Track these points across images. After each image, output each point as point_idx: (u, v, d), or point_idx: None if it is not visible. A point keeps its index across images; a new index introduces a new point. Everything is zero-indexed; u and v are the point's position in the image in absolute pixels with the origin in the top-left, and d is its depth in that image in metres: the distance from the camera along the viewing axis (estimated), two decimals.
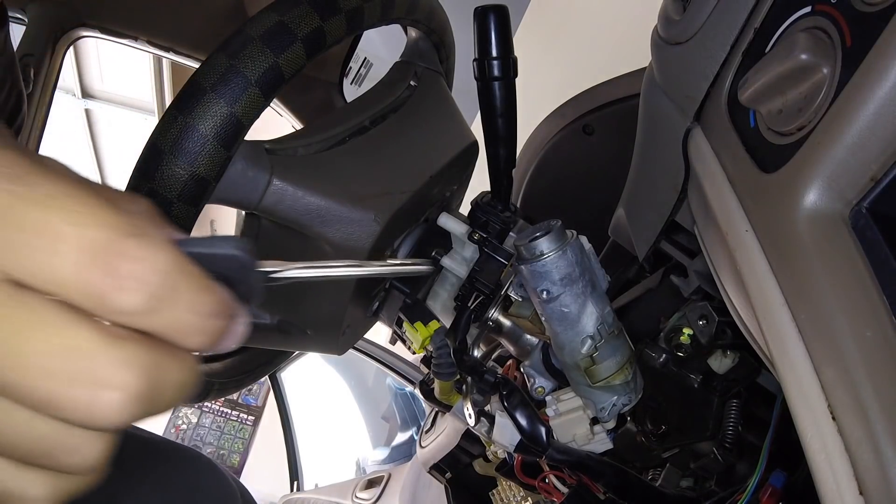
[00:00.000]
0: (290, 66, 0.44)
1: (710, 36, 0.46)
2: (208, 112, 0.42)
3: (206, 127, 0.42)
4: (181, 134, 0.42)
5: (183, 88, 0.43)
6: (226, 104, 0.42)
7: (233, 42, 0.43)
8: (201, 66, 0.43)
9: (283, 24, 0.43)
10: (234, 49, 0.43)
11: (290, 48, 0.44)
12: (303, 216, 0.51)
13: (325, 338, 0.61)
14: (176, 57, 1.41)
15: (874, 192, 0.32)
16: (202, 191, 0.44)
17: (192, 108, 0.42)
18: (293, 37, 0.44)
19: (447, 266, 0.62)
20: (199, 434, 5.29)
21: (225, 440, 5.26)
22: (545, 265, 0.48)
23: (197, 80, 0.42)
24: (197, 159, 0.42)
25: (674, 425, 0.64)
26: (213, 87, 0.42)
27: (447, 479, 1.14)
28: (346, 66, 1.50)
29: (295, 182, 0.50)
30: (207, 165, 0.43)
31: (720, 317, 0.55)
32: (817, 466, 0.33)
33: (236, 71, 0.42)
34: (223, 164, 0.44)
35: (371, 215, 0.52)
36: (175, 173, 0.42)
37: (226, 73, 0.42)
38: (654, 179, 0.58)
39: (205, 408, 5.32)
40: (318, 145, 0.54)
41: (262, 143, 0.51)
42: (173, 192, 0.43)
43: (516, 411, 0.59)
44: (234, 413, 5.34)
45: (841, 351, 0.32)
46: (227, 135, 0.43)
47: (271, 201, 0.50)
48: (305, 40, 0.45)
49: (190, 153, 0.42)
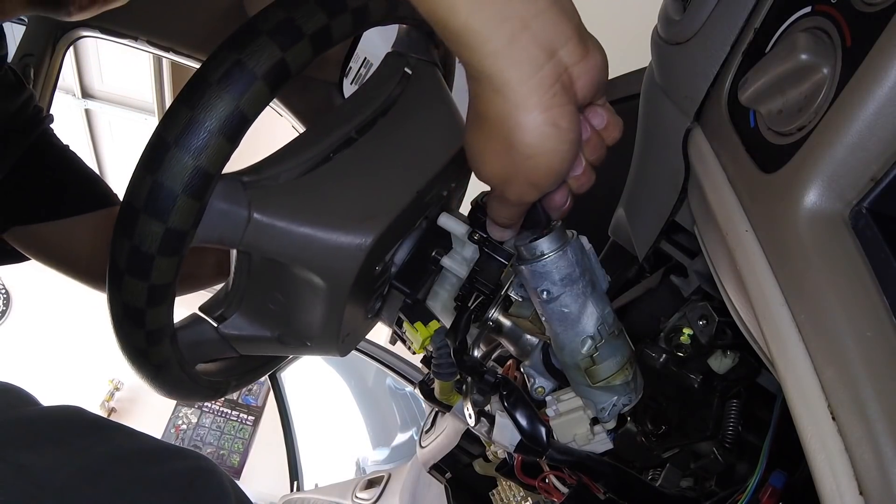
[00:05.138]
0: (252, 107, 0.43)
1: (710, 36, 0.47)
2: (176, 169, 0.42)
3: (173, 183, 0.42)
4: (151, 191, 0.42)
5: (150, 143, 0.43)
6: (191, 159, 0.42)
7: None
8: (163, 120, 0.43)
9: (239, 64, 0.42)
10: (193, 99, 0.42)
11: (251, 89, 0.43)
12: (285, 248, 0.51)
13: (326, 346, 0.61)
14: (176, 57, 1.41)
15: (874, 193, 0.33)
16: (180, 244, 0.44)
17: (159, 163, 0.42)
18: (253, 76, 0.42)
19: (447, 266, 0.62)
20: (199, 434, 5.29)
21: (225, 440, 5.26)
22: (545, 265, 0.48)
23: (163, 137, 0.42)
24: (169, 214, 0.42)
25: (674, 425, 0.64)
26: (176, 142, 0.42)
27: (447, 479, 1.14)
28: (346, 66, 1.50)
29: (275, 215, 0.50)
30: (181, 218, 0.43)
31: (720, 317, 0.55)
32: (817, 466, 0.33)
33: (199, 123, 0.42)
34: (198, 213, 0.44)
35: (357, 240, 0.52)
36: (152, 230, 0.43)
37: (189, 126, 0.42)
38: (654, 179, 0.58)
39: (205, 408, 5.33)
40: (301, 167, 0.53)
41: (239, 176, 0.50)
42: (152, 248, 0.43)
43: (516, 411, 0.59)
44: (234, 413, 5.34)
45: (841, 351, 0.32)
46: (197, 186, 0.43)
47: (253, 237, 0.50)
48: (267, 76, 0.43)
49: (162, 210, 0.42)
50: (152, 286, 0.46)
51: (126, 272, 0.45)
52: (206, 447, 5.19)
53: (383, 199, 0.55)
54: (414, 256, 0.63)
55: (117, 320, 0.49)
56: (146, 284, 0.45)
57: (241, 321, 0.60)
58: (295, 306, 0.57)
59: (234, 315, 0.60)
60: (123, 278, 0.45)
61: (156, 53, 1.40)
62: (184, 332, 0.59)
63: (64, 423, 0.58)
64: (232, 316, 0.60)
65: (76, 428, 0.58)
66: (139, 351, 0.51)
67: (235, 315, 0.60)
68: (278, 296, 0.57)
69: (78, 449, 0.55)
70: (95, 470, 0.53)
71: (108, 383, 5.18)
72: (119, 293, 0.46)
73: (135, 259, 0.44)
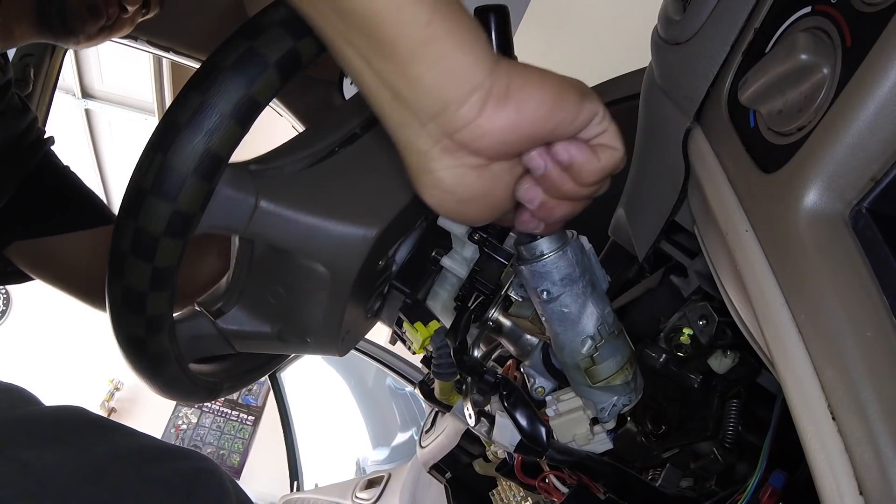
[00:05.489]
0: (262, 94, 0.44)
1: (710, 36, 0.47)
2: (186, 149, 0.42)
3: (182, 164, 0.42)
4: (160, 172, 0.42)
5: (159, 125, 0.43)
6: (202, 141, 0.42)
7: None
8: (173, 104, 0.43)
9: (253, 49, 0.43)
10: (206, 84, 0.42)
11: (264, 75, 0.43)
12: (291, 237, 0.51)
13: (325, 343, 0.61)
14: (176, 57, 1.41)
15: (874, 193, 0.33)
16: (187, 227, 0.44)
17: (169, 144, 0.42)
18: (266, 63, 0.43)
19: (447, 266, 0.62)
20: (199, 434, 5.29)
21: (225, 440, 5.26)
22: (545, 265, 0.48)
23: (173, 119, 0.42)
24: (178, 195, 0.42)
25: (674, 425, 0.64)
26: (187, 123, 0.42)
27: (447, 479, 1.14)
28: None
29: (281, 203, 0.50)
30: (189, 200, 0.43)
31: (720, 317, 0.55)
32: (817, 466, 0.33)
33: (212, 107, 0.42)
34: (206, 196, 0.44)
35: (361, 231, 0.52)
36: (159, 211, 0.43)
37: (200, 108, 0.42)
38: (654, 179, 0.58)
39: (205, 408, 5.33)
40: (306, 160, 0.54)
41: (246, 164, 0.50)
42: (158, 229, 0.43)
43: (516, 411, 0.59)
44: (234, 413, 5.34)
45: (841, 351, 0.32)
46: (207, 168, 0.43)
47: (259, 225, 0.50)
48: (278, 64, 0.44)
49: (170, 190, 0.42)
50: (156, 269, 0.45)
51: (130, 253, 0.44)
52: (206, 447, 5.19)
53: (387, 193, 0.55)
54: (414, 256, 0.63)
55: (116, 306, 0.48)
56: (150, 266, 0.45)
57: (240, 316, 0.60)
58: (297, 300, 0.57)
59: (233, 309, 0.59)
60: (126, 260, 0.45)
61: (156, 53, 1.40)
62: (182, 326, 0.59)
63: (66, 423, 0.58)
64: (231, 310, 0.59)
65: (78, 427, 0.58)
66: (136, 340, 0.50)
67: (235, 309, 0.59)
68: (279, 289, 0.57)
69: (79, 448, 0.55)
70: (97, 469, 0.53)
71: (108, 383, 5.19)
72: (121, 277, 0.46)
73: (140, 240, 0.44)
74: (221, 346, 0.61)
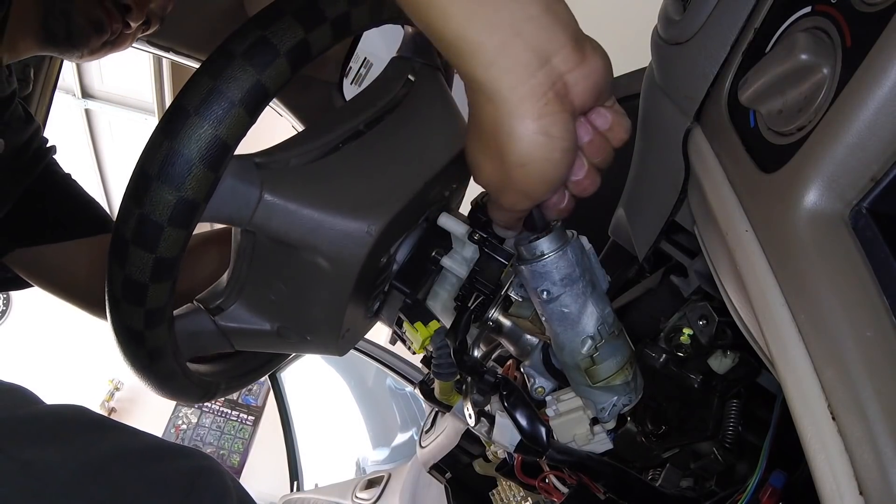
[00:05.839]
0: (273, 82, 0.44)
1: (710, 36, 0.47)
2: (194, 136, 0.42)
3: (190, 151, 0.42)
4: (167, 157, 0.42)
5: (168, 111, 0.43)
6: (210, 127, 0.42)
7: (217, 62, 0.43)
8: (183, 89, 0.43)
9: (266, 39, 0.43)
10: (216, 69, 0.43)
11: (274, 64, 0.44)
12: (295, 230, 0.51)
13: (325, 341, 0.61)
14: (176, 57, 1.41)
15: (874, 193, 0.33)
16: (191, 216, 0.44)
17: (177, 129, 0.42)
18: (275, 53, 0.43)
19: (447, 266, 0.62)
20: (199, 434, 5.30)
21: (225, 440, 5.26)
22: (545, 265, 0.48)
23: (182, 105, 0.42)
24: (183, 182, 0.42)
25: (674, 425, 0.64)
26: (196, 110, 0.42)
27: (447, 479, 1.14)
28: (346, 66, 1.50)
29: (286, 196, 0.50)
30: (195, 188, 0.43)
31: (720, 317, 0.55)
32: (817, 466, 0.33)
33: (221, 93, 0.42)
34: (212, 184, 0.44)
35: (364, 226, 0.52)
36: (164, 198, 0.42)
37: (209, 95, 0.42)
38: (654, 179, 0.58)
39: (205, 408, 5.33)
40: (310, 154, 0.54)
41: (251, 157, 0.50)
42: (163, 217, 0.43)
43: (516, 411, 0.59)
44: (234, 413, 5.35)
45: (841, 351, 0.32)
46: (214, 156, 0.43)
47: (263, 216, 0.50)
48: (289, 53, 0.44)
49: (176, 177, 0.42)
50: (159, 258, 0.45)
51: (132, 242, 0.44)
52: (206, 447, 5.19)
53: (391, 188, 0.55)
54: (414, 256, 0.63)
55: (116, 298, 0.48)
56: (152, 256, 0.45)
57: (240, 312, 0.59)
58: (298, 295, 0.57)
59: (233, 306, 0.59)
60: (128, 249, 0.45)
61: (156, 53, 1.40)
62: (180, 321, 0.58)
63: (67, 422, 0.58)
64: (231, 307, 0.59)
65: (79, 426, 0.58)
66: (135, 333, 0.50)
67: (234, 305, 0.59)
68: (280, 285, 0.57)
69: (81, 446, 0.55)
70: (98, 467, 0.53)
71: (108, 383, 5.19)
72: (122, 267, 0.46)
73: (143, 228, 0.44)
74: (220, 343, 0.61)
